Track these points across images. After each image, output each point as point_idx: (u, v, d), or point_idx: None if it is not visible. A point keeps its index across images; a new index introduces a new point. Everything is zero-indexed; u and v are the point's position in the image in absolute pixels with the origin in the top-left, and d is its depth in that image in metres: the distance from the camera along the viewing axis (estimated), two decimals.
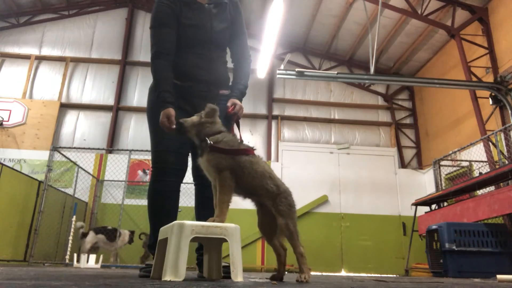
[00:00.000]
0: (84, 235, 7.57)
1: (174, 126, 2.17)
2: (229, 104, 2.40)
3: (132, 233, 8.00)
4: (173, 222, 1.77)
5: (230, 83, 2.61)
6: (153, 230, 2.37)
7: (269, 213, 1.95)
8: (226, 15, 2.54)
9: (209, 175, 1.97)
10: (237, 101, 2.41)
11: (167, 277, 1.63)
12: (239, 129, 2.49)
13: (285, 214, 1.88)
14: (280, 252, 2.02)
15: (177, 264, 1.65)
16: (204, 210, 2.48)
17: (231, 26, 2.57)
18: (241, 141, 2.04)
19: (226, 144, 1.93)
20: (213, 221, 1.82)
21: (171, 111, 2.22)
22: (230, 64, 2.69)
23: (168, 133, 2.27)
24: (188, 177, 2.53)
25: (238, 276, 1.75)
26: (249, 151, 1.96)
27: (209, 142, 1.92)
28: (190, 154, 2.56)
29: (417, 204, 7.82)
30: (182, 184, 2.51)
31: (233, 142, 1.96)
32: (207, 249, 2.08)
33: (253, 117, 10.83)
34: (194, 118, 2.05)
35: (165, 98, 2.26)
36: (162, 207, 2.39)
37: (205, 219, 1.94)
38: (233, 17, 2.58)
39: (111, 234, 7.66)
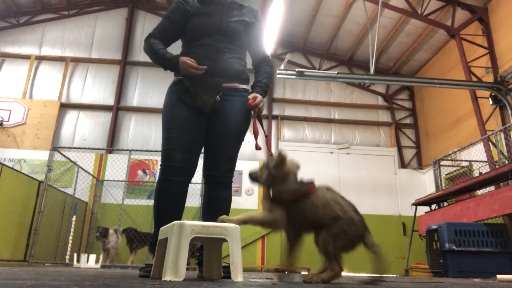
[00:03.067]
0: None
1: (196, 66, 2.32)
2: (250, 96, 2.45)
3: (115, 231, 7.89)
4: (173, 222, 1.77)
5: (251, 84, 2.63)
6: (156, 229, 2.36)
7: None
8: (241, 13, 2.59)
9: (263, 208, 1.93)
10: (258, 96, 2.46)
11: (167, 277, 1.63)
12: (261, 123, 2.50)
13: (332, 234, 1.76)
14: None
15: (177, 264, 1.65)
16: (211, 209, 2.47)
17: (248, 29, 2.59)
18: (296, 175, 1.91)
19: (289, 195, 1.84)
20: (222, 220, 1.82)
21: (185, 58, 2.35)
22: (245, 65, 2.68)
23: (179, 131, 2.35)
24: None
25: (238, 276, 1.75)
26: (309, 191, 1.85)
27: (271, 194, 1.86)
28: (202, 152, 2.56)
29: (417, 204, 7.82)
30: None
31: (293, 192, 1.85)
32: (207, 249, 2.08)
33: None
34: (265, 172, 1.94)
35: (172, 57, 2.39)
36: (166, 206, 2.38)
37: (211, 219, 1.93)
38: (250, 22, 2.61)
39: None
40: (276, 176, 1.89)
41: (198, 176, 2.53)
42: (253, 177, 2.02)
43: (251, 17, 2.63)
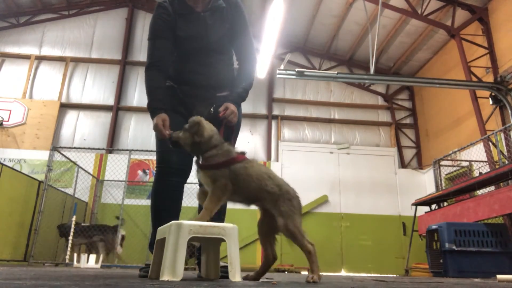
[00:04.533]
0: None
1: (168, 132, 2.17)
2: (221, 108, 2.31)
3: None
4: (171, 222, 1.77)
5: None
6: (153, 228, 2.37)
7: (270, 215, 1.92)
8: (224, 22, 2.49)
9: (207, 186, 1.96)
10: (230, 105, 2.31)
11: (165, 277, 1.63)
12: (233, 134, 2.42)
13: (285, 215, 1.81)
14: (269, 258, 1.99)
15: (175, 264, 1.65)
16: None
17: (231, 29, 2.51)
18: (232, 146, 1.99)
19: (221, 157, 1.90)
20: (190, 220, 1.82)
21: (164, 115, 2.23)
22: (234, 68, 2.64)
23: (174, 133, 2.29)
24: (191, 177, 2.53)
25: (236, 276, 1.75)
26: (238, 158, 1.91)
27: (200, 160, 1.93)
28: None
29: (417, 204, 7.82)
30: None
31: (229, 153, 1.92)
32: (205, 249, 2.09)
33: (253, 117, 10.84)
34: (188, 137, 1.96)
35: (156, 106, 2.27)
36: (164, 206, 2.41)
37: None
38: (232, 19, 2.51)
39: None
40: (200, 142, 1.93)
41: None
42: (175, 142, 2.01)
43: (230, 14, 2.50)
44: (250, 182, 1.86)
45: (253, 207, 2.05)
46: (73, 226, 7.26)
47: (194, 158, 2.04)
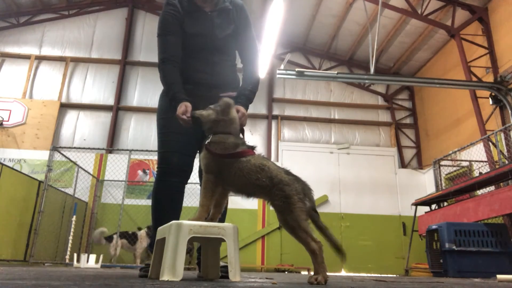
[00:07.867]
0: (109, 239, 7.83)
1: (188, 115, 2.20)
2: None
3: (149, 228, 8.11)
4: (171, 222, 1.77)
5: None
6: (154, 229, 2.38)
7: None
8: (229, 23, 2.54)
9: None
10: (241, 108, 2.31)
11: (165, 277, 1.63)
12: (243, 135, 2.48)
13: (281, 209, 1.70)
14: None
15: (174, 264, 1.65)
16: None
17: (236, 31, 2.57)
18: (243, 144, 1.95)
19: (223, 147, 1.86)
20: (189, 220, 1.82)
21: (188, 104, 2.24)
22: (236, 69, 2.67)
23: (175, 134, 2.32)
24: (191, 177, 2.54)
25: (236, 276, 1.75)
26: (241, 154, 1.85)
27: (207, 140, 1.92)
28: (198, 154, 2.56)
29: (417, 204, 7.82)
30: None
31: (231, 145, 1.87)
32: (204, 249, 2.09)
33: (253, 117, 10.83)
34: (212, 113, 1.97)
35: (181, 97, 2.28)
36: (164, 206, 2.41)
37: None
38: (237, 21, 2.57)
39: (131, 239, 7.98)
40: (221, 120, 1.93)
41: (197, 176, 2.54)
42: (196, 119, 2.01)
43: (236, 16, 2.57)
44: (240, 177, 1.82)
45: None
46: (72, 226, 7.29)
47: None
